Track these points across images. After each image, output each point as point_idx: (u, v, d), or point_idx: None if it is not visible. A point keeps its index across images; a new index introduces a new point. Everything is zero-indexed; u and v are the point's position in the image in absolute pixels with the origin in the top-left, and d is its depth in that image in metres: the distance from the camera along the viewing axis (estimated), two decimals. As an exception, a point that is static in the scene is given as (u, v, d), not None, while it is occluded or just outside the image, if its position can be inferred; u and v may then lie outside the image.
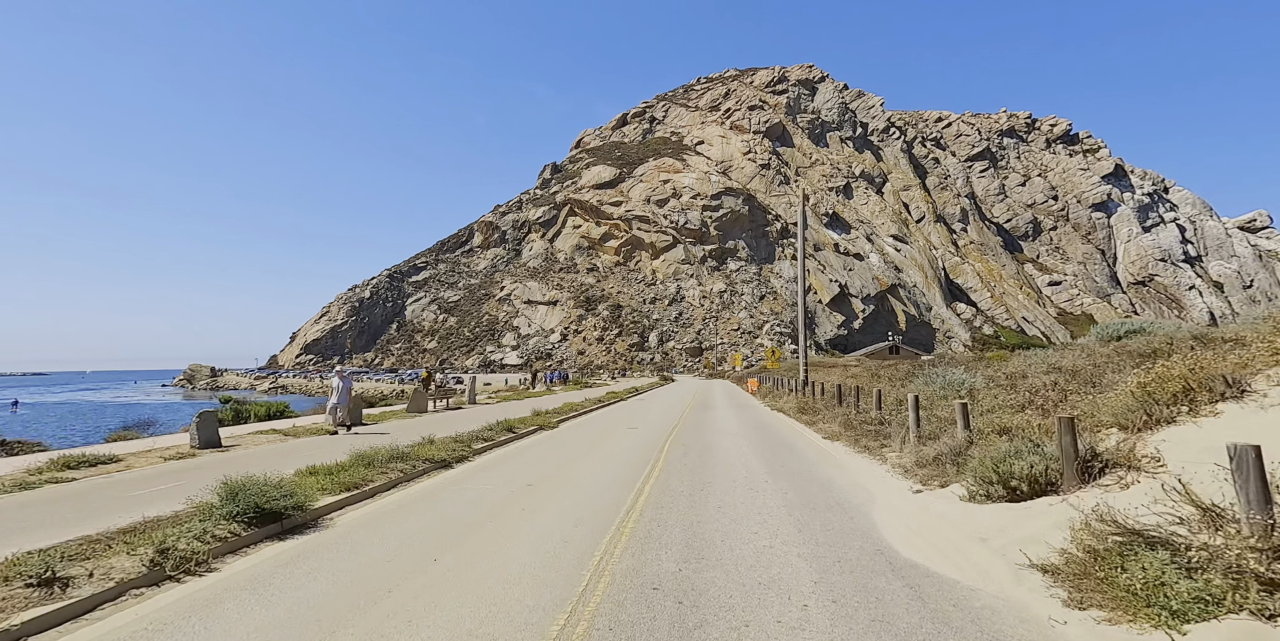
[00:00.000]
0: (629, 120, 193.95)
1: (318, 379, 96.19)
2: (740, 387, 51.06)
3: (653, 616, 4.68)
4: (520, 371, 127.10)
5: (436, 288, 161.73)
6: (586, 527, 7.22)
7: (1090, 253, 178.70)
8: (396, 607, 4.91)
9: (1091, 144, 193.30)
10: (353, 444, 13.44)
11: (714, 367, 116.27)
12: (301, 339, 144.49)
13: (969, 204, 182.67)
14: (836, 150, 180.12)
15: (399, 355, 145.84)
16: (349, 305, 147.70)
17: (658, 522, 7.41)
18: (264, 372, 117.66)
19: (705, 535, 6.85)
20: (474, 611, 4.81)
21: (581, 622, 4.57)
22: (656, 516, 7.72)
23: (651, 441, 15.68)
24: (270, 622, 4.65)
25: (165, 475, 10.39)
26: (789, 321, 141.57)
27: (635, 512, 7.90)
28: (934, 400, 13.99)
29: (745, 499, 8.66)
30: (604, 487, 9.58)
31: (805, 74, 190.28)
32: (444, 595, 5.16)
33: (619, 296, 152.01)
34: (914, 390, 15.06)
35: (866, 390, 18.06)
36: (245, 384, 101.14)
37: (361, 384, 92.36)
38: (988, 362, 20.91)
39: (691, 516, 7.70)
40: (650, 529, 7.14)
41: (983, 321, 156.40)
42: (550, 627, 4.49)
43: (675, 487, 9.52)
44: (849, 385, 20.38)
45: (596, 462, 12.48)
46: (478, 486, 9.72)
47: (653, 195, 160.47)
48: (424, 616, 4.73)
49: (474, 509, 8.19)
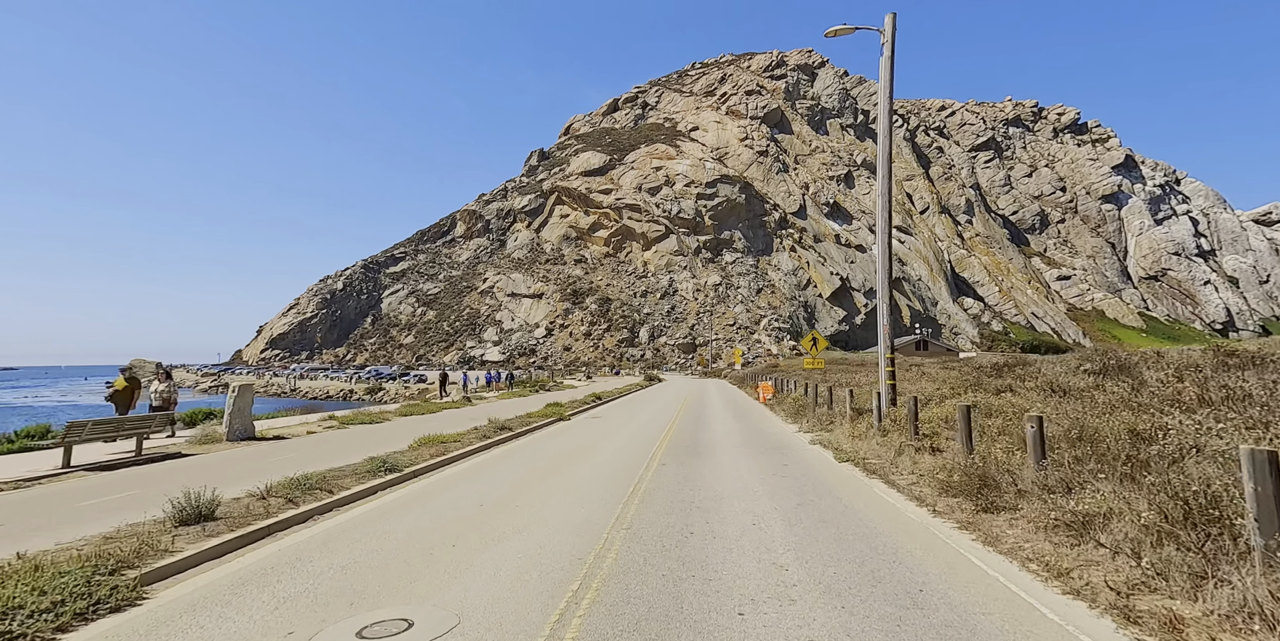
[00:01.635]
0: (620, 106, 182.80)
1: (268, 375, 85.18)
2: (743, 391, 40.27)
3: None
4: (503, 367, 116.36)
5: (415, 279, 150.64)
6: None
7: (1100, 246, 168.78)
8: None
9: (1101, 133, 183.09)
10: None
11: (708, 365, 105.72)
12: (268, 333, 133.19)
13: (974, 195, 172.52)
14: (837, 138, 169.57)
15: (373, 350, 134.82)
16: (319, 297, 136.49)
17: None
18: (219, 369, 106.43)
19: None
20: None
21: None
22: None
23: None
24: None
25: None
26: (788, 316, 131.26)
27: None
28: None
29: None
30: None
31: (804, 59, 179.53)
32: None
33: (608, 289, 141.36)
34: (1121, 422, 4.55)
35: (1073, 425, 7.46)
36: (191, 381, 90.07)
37: (316, 382, 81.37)
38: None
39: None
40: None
41: (991, 317, 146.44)
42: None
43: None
44: (992, 408, 9.82)
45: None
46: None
47: (644, 183, 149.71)
48: None
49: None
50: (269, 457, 11.75)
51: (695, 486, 9.14)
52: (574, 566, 5.61)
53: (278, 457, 11.69)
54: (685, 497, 8.45)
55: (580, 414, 22.41)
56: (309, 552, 6.22)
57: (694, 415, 21.63)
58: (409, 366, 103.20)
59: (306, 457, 11.49)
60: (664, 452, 12.22)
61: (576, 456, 12.08)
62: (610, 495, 8.67)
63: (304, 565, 5.81)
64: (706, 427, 17.38)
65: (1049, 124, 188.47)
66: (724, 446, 13.20)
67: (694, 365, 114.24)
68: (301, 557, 6.05)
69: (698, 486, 9.14)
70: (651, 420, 19.91)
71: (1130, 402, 8.76)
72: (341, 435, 15.30)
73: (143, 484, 9.51)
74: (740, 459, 11.37)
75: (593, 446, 13.61)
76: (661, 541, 6.40)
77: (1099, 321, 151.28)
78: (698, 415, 21.60)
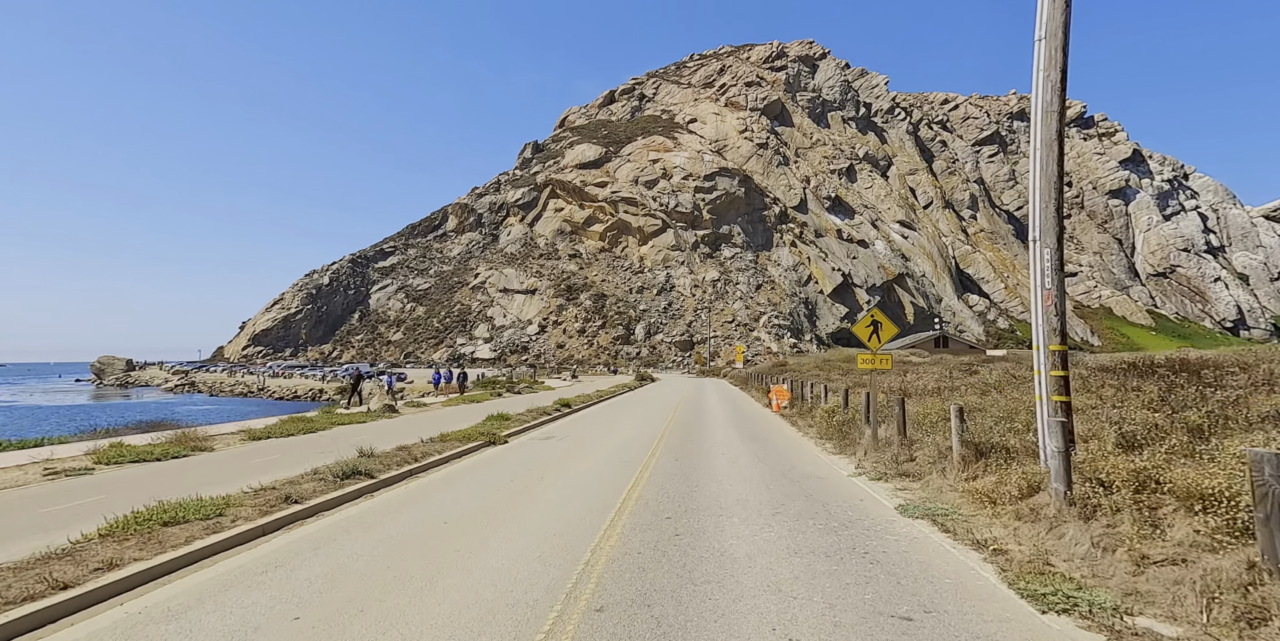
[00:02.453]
0: (617, 98, 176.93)
1: (241, 373, 79.45)
2: (746, 394, 34.69)
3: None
4: (493, 366, 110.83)
5: (405, 274, 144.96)
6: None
7: (1107, 242, 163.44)
8: None
9: (1108, 127, 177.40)
10: None
11: (706, 363, 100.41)
12: (250, 329, 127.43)
13: (978, 190, 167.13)
14: (838, 131, 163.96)
15: (360, 347, 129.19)
16: (305, 292, 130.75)
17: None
18: (193, 366, 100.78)
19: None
20: None
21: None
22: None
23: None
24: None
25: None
26: (788, 313, 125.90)
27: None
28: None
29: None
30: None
31: (805, 50, 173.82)
32: None
33: (603, 285, 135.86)
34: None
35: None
36: (160, 378, 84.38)
37: (290, 380, 75.56)
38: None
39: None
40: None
41: (997, 314, 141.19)
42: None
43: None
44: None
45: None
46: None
47: (641, 176, 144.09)
48: None
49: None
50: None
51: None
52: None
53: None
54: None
55: (527, 433, 16.65)
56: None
57: (688, 435, 16.00)
58: (395, 363, 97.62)
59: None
60: (616, 546, 6.36)
61: (418, 575, 5.60)
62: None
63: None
64: (706, 461, 11.77)
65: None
66: (740, 522, 7.37)
67: (691, 363, 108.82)
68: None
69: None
70: (625, 446, 14.16)
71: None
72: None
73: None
74: (779, 569, 5.68)
75: (486, 524, 7.38)
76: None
77: (1107, 319, 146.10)
78: (693, 435, 15.97)
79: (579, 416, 21.89)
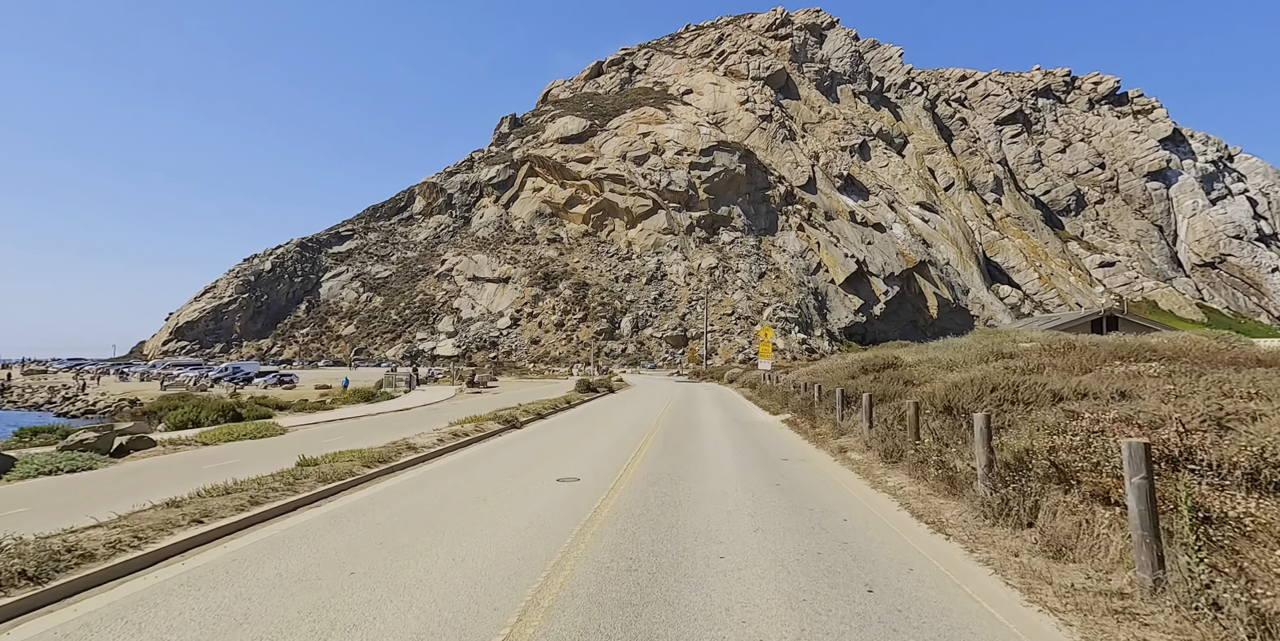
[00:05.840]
0: (605, 69, 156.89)
1: (76, 373, 59.35)
2: (794, 433, 14.26)
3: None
4: (456, 363, 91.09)
5: (363, 260, 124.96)
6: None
7: (1146, 229, 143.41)
8: None
9: (1144, 104, 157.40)
10: None
11: (701, 362, 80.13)
12: (174, 321, 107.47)
13: (1002, 172, 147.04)
14: (849, 105, 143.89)
15: (305, 342, 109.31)
16: (241, 279, 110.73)
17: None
18: (74, 364, 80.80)
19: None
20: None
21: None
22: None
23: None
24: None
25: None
26: (795, 305, 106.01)
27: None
28: None
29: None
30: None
31: (812, 18, 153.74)
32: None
33: (585, 273, 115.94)
34: None
35: None
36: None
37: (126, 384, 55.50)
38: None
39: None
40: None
41: (1031, 307, 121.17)
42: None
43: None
44: None
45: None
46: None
47: (630, 151, 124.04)
48: None
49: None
50: None
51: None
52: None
53: None
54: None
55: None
56: None
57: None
58: (288, 361, 77.34)
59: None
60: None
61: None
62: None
63: None
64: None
65: (1084, 95, 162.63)
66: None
67: (684, 361, 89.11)
68: None
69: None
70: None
71: None
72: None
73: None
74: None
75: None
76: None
77: (1152, 313, 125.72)
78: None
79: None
